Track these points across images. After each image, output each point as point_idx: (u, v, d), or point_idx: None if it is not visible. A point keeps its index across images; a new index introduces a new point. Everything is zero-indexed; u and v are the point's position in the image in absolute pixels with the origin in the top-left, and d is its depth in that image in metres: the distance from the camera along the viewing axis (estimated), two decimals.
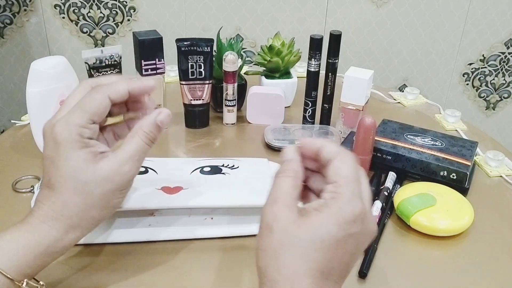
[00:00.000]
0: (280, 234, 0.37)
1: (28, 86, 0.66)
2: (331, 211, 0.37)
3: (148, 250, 0.55)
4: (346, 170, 0.39)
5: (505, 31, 1.48)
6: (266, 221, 0.38)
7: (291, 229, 0.37)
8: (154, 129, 0.46)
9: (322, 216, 0.37)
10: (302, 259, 0.36)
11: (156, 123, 0.46)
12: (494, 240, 0.60)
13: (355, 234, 0.37)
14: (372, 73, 0.77)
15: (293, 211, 0.38)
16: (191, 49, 0.77)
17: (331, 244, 0.36)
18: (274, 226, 0.37)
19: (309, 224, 0.37)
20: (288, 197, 0.39)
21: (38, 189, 0.59)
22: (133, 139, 0.45)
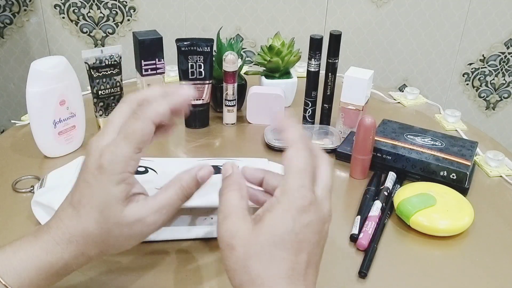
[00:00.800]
0: (242, 248, 0.37)
1: (28, 86, 0.66)
2: (282, 206, 0.38)
3: (148, 250, 0.55)
4: (295, 162, 0.39)
5: (505, 31, 1.48)
6: (225, 241, 0.38)
7: (251, 239, 0.37)
8: (193, 184, 0.44)
9: (275, 214, 0.38)
10: (271, 263, 0.36)
11: (196, 178, 0.44)
12: (494, 240, 0.60)
13: (311, 223, 0.38)
14: (372, 73, 0.77)
15: (247, 221, 0.39)
16: (191, 49, 0.77)
17: (292, 239, 0.37)
18: (233, 242, 0.38)
19: (266, 227, 0.37)
20: (238, 210, 0.40)
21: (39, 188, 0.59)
22: (168, 189, 0.43)
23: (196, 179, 0.44)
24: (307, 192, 0.38)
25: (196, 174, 0.44)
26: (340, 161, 0.75)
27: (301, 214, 0.37)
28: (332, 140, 0.78)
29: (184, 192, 0.44)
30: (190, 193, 0.44)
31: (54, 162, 0.71)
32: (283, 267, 0.37)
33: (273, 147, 0.76)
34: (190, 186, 0.44)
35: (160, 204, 0.43)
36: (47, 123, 0.69)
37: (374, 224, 0.59)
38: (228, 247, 0.38)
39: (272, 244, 0.37)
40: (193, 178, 0.44)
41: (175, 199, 0.43)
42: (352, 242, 0.58)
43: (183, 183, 0.43)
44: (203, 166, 0.45)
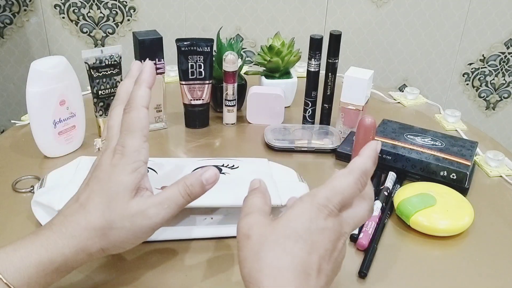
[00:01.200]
0: (258, 237, 0.39)
1: (28, 86, 0.66)
2: (304, 205, 0.39)
3: (148, 250, 0.55)
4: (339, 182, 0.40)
5: (505, 31, 1.48)
6: (243, 232, 0.40)
7: (268, 230, 0.39)
8: (197, 184, 0.45)
9: (295, 210, 0.39)
10: (283, 254, 0.37)
11: (200, 179, 0.45)
12: (494, 240, 0.60)
13: (327, 230, 0.39)
14: (372, 73, 0.77)
15: (267, 218, 0.41)
16: (191, 49, 0.77)
17: (306, 237, 0.38)
18: (250, 233, 0.40)
19: (284, 220, 0.39)
20: (260, 210, 0.42)
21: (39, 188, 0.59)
22: (172, 186, 0.45)
23: (200, 180, 0.45)
24: (331, 206, 0.39)
25: (201, 175, 0.45)
26: (340, 161, 0.75)
27: (319, 218, 0.39)
28: (332, 140, 0.78)
29: (187, 190, 0.44)
30: (193, 192, 0.45)
31: (54, 162, 0.71)
32: (293, 261, 0.37)
33: (273, 147, 0.76)
34: (194, 185, 0.45)
35: (162, 197, 0.44)
36: (47, 123, 0.69)
37: (374, 224, 0.59)
38: (244, 237, 0.40)
39: (286, 236, 0.38)
40: (197, 178, 0.45)
41: (177, 195, 0.44)
42: (352, 242, 0.58)
43: (187, 182, 0.45)
44: (209, 168, 0.46)
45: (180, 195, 0.44)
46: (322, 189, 0.40)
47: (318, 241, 0.38)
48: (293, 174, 0.66)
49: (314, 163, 0.75)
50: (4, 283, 0.40)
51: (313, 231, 0.38)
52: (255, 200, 0.43)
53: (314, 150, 0.77)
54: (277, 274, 0.37)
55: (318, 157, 0.76)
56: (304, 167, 0.73)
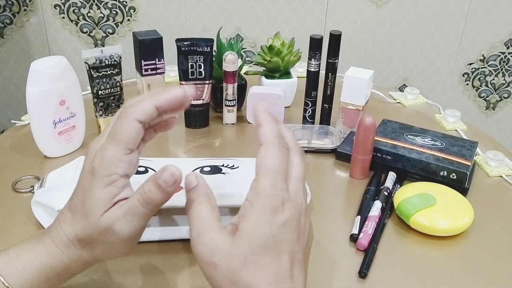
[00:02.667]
0: (224, 263, 0.36)
1: (28, 86, 0.66)
2: (256, 211, 0.36)
3: (148, 250, 0.55)
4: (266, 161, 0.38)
5: (505, 31, 1.48)
6: (205, 260, 0.37)
7: (231, 252, 0.36)
8: (154, 189, 0.39)
9: (250, 220, 0.36)
10: (256, 271, 0.36)
11: (157, 181, 0.39)
12: (494, 240, 0.60)
13: (287, 221, 0.37)
14: (372, 73, 0.77)
15: (224, 235, 0.37)
16: (191, 49, 0.77)
17: (271, 242, 0.36)
18: (215, 260, 0.36)
19: (244, 236, 0.36)
20: (212, 223, 0.38)
21: (39, 188, 0.59)
22: (133, 195, 0.40)
23: (156, 183, 0.39)
24: (279, 191, 0.37)
25: (157, 178, 0.39)
26: (340, 161, 0.75)
27: (275, 215, 0.36)
28: (332, 140, 0.78)
29: (145, 197, 0.40)
30: (152, 199, 0.40)
31: (54, 162, 0.71)
32: (268, 273, 0.36)
33: None
34: (152, 191, 0.40)
35: (125, 211, 0.40)
36: (47, 123, 0.69)
37: (374, 224, 0.59)
38: (209, 265, 0.37)
39: (253, 252, 0.36)
40: (153, 182, 0.40)
41: (136, 205, 0.40)
42: (352, 242, 0.58)
43: (144, 188, 0.40)
44: (167, 168, 0.40)
45: (139, 205, 0.40)
46: (261, 179, 0.37)
47: (283, 239, 0.36)
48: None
49: (314, 163, 0.75)
50: (6, 286, 0.39)
51: (274, 233, 0.36)
52: (202, 209, 0.39)
53: (314, 150, 0.77)
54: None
55: (318, 157, 0.76)
56: None
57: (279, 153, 0.39)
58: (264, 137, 0.39)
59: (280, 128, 0.40)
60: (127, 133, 0.40)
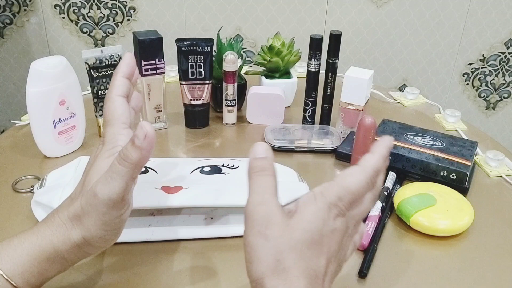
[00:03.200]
0: (277, 240, 0.37)
1: (28, 86, 0.66)
2: (318, 204, 0.38)
3: (148, 250, 0.55)
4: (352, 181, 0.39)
5: (505, 31, 1.48)
6: (259, 228, 0.37)
7: (286, 233, 0.37)
8: (129, 146, 0.40)
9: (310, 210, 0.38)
10: (300, 260, 0.37)
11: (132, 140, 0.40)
12: (494, 240, 0.60)
13: (336, 231, 0.38)
14: (372, 73, 0.77)
15: (283, 213, 0.38)
16: (191, 49, 0.77)
17: (317, 240, 0.37)
18: (268, 233, 0.37)
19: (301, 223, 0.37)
20: (275, 198, 0.39)
21: (39, 188, 0.59)
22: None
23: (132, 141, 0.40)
24: (341, 205, 0.39)
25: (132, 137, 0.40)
26: (340, 161, 0.75)
27: (329, 219, 0.38)
28: (332, 140, 0.78)
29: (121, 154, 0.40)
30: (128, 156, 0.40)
31: (54, 162, 0.71)
32: (308, 266, 0.37)
33: (273, 147, 0.76)
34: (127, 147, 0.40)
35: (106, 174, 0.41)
36: (47, 123, 0.69)
37: (374, 224, 0.59)
38: (260, 235, 0.37)
39: (303, 241, 0.37)
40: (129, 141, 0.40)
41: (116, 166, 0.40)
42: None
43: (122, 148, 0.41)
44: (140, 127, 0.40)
45: (117, 164, 0.40)
46: (334, 187, 0.39)
47: (327, 243, 0.38)
48: (293, 174, 0.66)
49: (314, 163, 0.75)
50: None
51: (324, 233, 0.38)
52: (269, 182, 0.39)
53: (314, 150, 0.77)
54: (291, 278, 0.36)
55: (318, 157, 0.76)
56: (304, 167, 0.73)
57: (365, 184, 0.40)
58: (365, 163, 0.40)
59: (382, 168, 0.41)
60: (115, 109, 0.45)
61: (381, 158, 0.41)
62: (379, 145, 0.41)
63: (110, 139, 0.44)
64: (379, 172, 0.41)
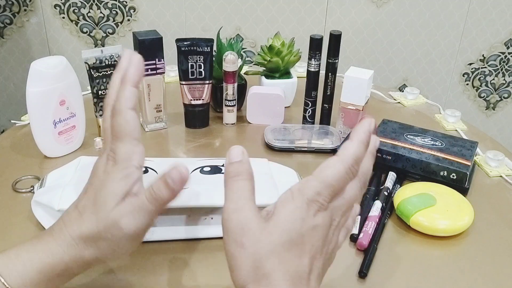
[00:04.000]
0: (253, 247, 0.36)
1: (28, 86, 0.66)
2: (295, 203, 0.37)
3: (148, 250, 0.55)
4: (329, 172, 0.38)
5: (505, 31, 1.48)
6: (234, 237, 0.36)
7: (262, 238, 0.36)
8: (162, 187, 0.40)
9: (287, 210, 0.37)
10: (280, 263, 0.36)
11: (166, 181, 0.40)
12: (494, 240, 0.60)
13: (318, 227, 0.37)
14: (372, 73, 0.77)
15: (258, 218, 0.37)
16: (191, 49, 0.77)
17: (298, 240, 0.36)
18: (243, 240, 0.36)
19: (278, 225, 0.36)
20: (250, 203, 0.38)
21: (39, 188, 0.59)
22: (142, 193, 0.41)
23: (165, 182, 0.40)
24: (321, 199, 0.37)
25: (165, 177, 0.40)
26: None
27: (309, 216, 0.37)
28: (332, 140, 0.78)
29: (154, 195, 0.41)
30: (160, 197, 0.41)
31: (54, 162, 0.71)
32: (288, 269, 0.36)
33: (273, 147, 0.76)
34: (160, 189, 0.40)
35: (132, 207, 0.41)
36: (47, 123, 0.69)
37: (374, 224, 0.59)
38: (237, 244, 0.36)
39: (282, 244, 0.36)
40: (162, 181, 0.41)
41: (145, 203, 0.41)
42: (352, 242, 0.58)
43: (153, 186, 0.41)
44: (174, 167, 0.41)
45: (147, 202, 0.41)
46: (311, 181, 0.37)
47: (309, 241, 0.37)
48: (293, 174, 0.66)
49: (314, 163, 0.75)
50: (6, 287, 0.39)
51: (304, 232, 0.36)
52: (244, 187, 0.38)
53: (314, 150, 0.77)
54: (274, 283, 0.35)
55: (318, 157, 0.76)
56: (304, 167, 0.73)
57: (344, 174, 0.38)
58: (343, 152, 0.39)
59: (362, 155, 0.39)
60: (127, 124, 0.42)
61: (360, 145, 0.39)
62: (358, 130, 0.39)
63: (123, 158, 0.41)
64: (359, 159, 0.39)
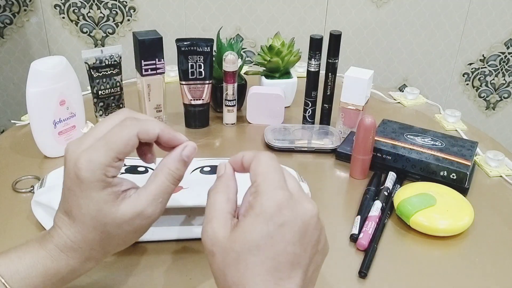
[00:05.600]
0: (221, 254, 0.37)
1: (28, 86, 0.66)
2: (255, 211, 0.37)
3: (148, 250, 0.55)
4: (261, 167, 0.39)
5: (505, 31, 1.48)
6: (207, 248, 0.38)
7: (228, 246, 0.37)
8: (180, 165, 0.43)
9: (248, 220, 0.37)
10: (247, 270, 0.36)
11: (182, 158, 0.43)
12: (494, 240, 0.60)
13: (288, 222, 0.36)
14: (372, 73, 0.77)
15: (227, 227, 0.38)
16: (191, 49, 0.77)
17: (267, 243, 0.36)
18: (214, 250, 0.38)
19: (240, 234, 0.37)
20: (221, 214, 0.39)
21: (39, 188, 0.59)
22: (157, 177, 0.42)
23: (182, 159, 0.43)
24: (277, 191, 0.37)
25: (181, 155, 0.43)
26: (340, 161, 0.75)
27: (274, 215, 0.36)
28: (332, 140, 0.78)
29: (174, 175, 0.42)
30: (180, 175, 0.43)
31: (54, 162, 0.71)
32: (258, 272, 0.36)
33: (273, 147, 0.76)
34: (178, 167, 0.43)
35: (154, 194, 0.42)
36: (47, 123, 0.69)
37: (374, 224, 0.59)
38: (210, 253, 0.38)
39: (247, 251, 0.36)
40: (179, 159, 0.43)
41: (167, 185, 0.42)
42: (352, 242, 0.58)
43: (170, 167, 0.42)
44: (187, 144, 0.43)
45: (169, 184, 0.42)
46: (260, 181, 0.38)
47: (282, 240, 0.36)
48: (293, 174, 0.66)
49: (314, 163, 0.75)
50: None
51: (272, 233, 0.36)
52: (217, 199, 0.40)
53: (314, 150, 0.77)
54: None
55: (318, 157, 0.76)
56: (304, 167, 0.73)
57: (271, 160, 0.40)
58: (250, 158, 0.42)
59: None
60: (123, 142, 0.40)
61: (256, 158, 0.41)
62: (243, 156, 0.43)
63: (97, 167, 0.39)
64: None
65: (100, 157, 0.39)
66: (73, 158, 0.40)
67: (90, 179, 0.39)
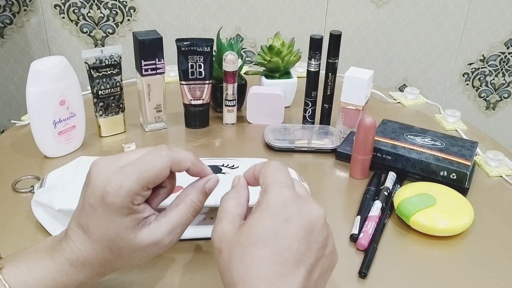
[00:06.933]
0: (227, 250, 0.38)
1: (28, 86, 0.66)
2: (261, 207, 0.38)
3: None
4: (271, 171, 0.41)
5: (505, 31, 1.48)
6: (215, 246, 0.39)
7: (233, 242, 0.38)
8: (203, 197, 0.44)
9: (255, 215, 0.38)
10: (252, 264, 0.36)
11: (205, 191, 0.44)
12: (494, 240, 0.60)
13: (293, 218, 0.37)
14: (372, 73, 0.77)
15: (235, 225, 0.39)
16: (191, 49, 0.77)
17: (272, 237, 0.36)
18: (221, 247, 0.39)
19: (247, 228, 0.38)
20: (230, 215, 0.40)
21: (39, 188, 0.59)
22: (178, 208, 0.43)
23: (204, 192, 0.44)
24: (284, 189, 0.39)
25: (204, 187, 0.44)
26: (340, 161, 0.75)
27: (280, 210, 0.37)
28: (332, 140, 0.78)
29: (195, 207, 0.44)
30: (200, 207, 0.44)
31: (54, 162, 0.71)
32: (263, 267, 0.35)
33: (273, 147, 0.76)
34: (200, 199, 0.44)
35: (173, 224, 0.42)
36: (47, 123, 0.69)
37: (374, 224, 0.59)
38: (217, 251, 0.39)
39: (251, 244, 0.36)
40: (201, 192, 0.44)
41: (188, 217, 0.43)
42: (352, 242, 0.58)
43: (192, 198, 0.43)
44: (210, 178, 0.45)
45: (190, 215, 0.43)
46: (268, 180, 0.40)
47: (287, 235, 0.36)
48: (293, 174, 0.66)
49: (314, 163, 0.75)
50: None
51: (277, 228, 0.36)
52: (228, 203, 0.42)
53: (314, 150, 0.77)
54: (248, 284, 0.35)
55: (318, 157, 0.76)
56: (304, 167, 0.73)
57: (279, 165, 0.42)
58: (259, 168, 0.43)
59: None
60: (156, 175, 0.40)
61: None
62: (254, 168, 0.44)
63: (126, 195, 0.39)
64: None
65: (131, 185, 0.39)
66: (102, 177, 0.40)
67: (117, 204, 0.39)
